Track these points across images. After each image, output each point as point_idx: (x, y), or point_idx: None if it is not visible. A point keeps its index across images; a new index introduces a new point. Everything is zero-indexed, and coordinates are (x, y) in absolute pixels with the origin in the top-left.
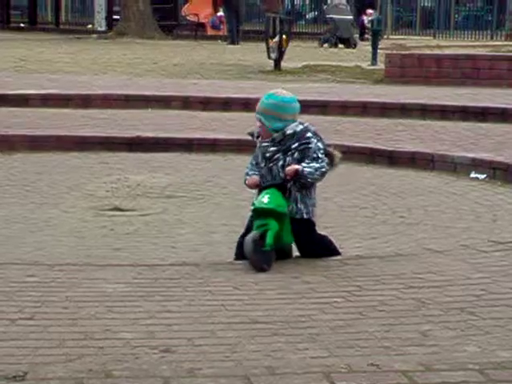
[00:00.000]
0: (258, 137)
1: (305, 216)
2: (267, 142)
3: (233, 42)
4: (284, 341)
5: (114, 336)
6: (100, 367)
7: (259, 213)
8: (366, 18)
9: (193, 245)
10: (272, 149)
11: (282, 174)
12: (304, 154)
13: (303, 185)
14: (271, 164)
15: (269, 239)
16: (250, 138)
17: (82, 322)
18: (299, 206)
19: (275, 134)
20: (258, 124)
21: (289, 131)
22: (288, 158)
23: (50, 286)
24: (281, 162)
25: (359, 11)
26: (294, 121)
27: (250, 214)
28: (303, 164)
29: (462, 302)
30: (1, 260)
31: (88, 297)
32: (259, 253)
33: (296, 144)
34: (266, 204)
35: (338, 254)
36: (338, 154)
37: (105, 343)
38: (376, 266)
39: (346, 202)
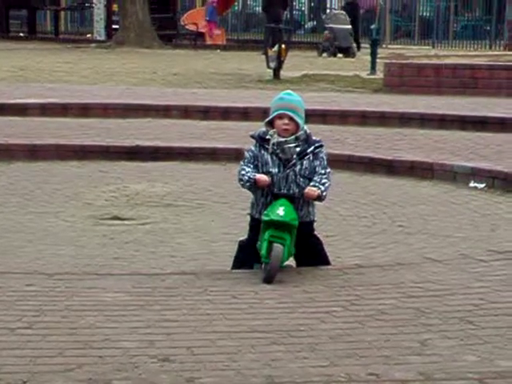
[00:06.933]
0: (264, 140)
1: (312, 218)
2: (291, 142)
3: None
4: (283, 350)
5: (113, 345)
6: (99, 376)
7: (272, 224)
8: None
9: (192, 254)
10: (298, 149)
11: (297, 187)
12: (317, 157)
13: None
14: (288, 170)
15: (284, 256)
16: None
17: (81, 331)
18: (310, 209)
19: (300, 133)
20: (286, 121)
21: (308, 130)
22: (305, 162)
23: (49, 295)
24: (298, 167)
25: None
26: None
27: (249, 220)
28: (321, 187)
29: (462, 311)
30: (0, 269)
31: (87, 306)
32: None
33: (312, 147)
34: (281, 217)
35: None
36: None
37: (104, 352)
38: (375, 275)
39: (345, 212)
